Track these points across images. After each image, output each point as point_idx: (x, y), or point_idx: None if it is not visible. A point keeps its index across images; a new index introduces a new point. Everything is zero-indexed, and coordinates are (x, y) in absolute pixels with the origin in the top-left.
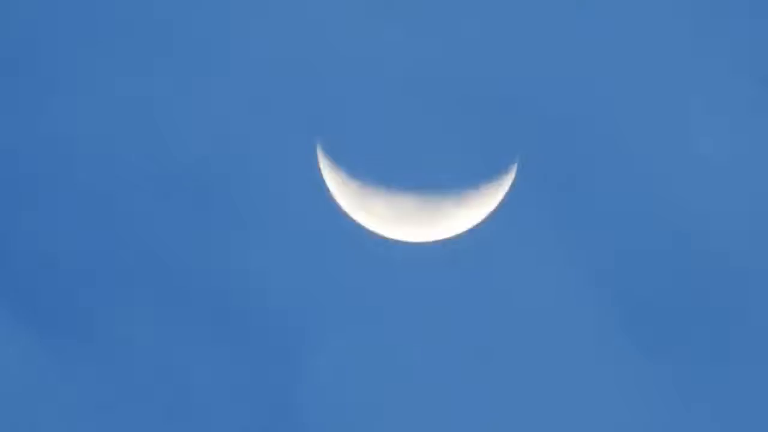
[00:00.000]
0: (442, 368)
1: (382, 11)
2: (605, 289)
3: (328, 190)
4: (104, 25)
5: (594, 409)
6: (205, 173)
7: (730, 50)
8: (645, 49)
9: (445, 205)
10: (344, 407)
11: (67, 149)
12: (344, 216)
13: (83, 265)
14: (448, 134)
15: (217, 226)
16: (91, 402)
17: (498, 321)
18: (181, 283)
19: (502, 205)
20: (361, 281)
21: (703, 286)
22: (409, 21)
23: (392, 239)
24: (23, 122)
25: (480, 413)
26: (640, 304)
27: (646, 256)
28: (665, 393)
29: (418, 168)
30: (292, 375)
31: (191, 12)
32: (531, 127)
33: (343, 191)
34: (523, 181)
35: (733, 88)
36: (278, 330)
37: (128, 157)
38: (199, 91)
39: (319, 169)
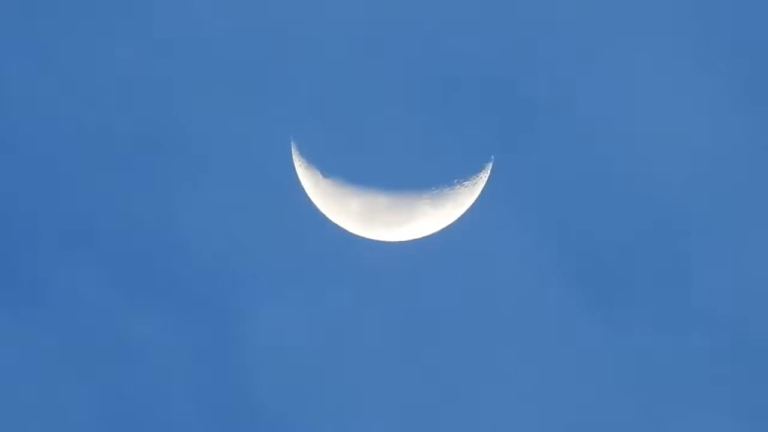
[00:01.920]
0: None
1: (364, 6)
2: (583, 286)
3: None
4: None
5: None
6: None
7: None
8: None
9: (419, 203)
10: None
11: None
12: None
13: (27, 225)
14: (424, 132)
15: (169, 189)
16: (37, 361)
17: (469, 314)
18: (128, 244)
19: (477, 203)
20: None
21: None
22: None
23: (365, 238)
24: None
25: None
26: (621, 300)
27: (627, 252)
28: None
29: (392, 166)
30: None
31: None
32: (507, 125)
33: (317, 189)
34: (499, 179)
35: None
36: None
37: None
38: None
39: (292, 164)
